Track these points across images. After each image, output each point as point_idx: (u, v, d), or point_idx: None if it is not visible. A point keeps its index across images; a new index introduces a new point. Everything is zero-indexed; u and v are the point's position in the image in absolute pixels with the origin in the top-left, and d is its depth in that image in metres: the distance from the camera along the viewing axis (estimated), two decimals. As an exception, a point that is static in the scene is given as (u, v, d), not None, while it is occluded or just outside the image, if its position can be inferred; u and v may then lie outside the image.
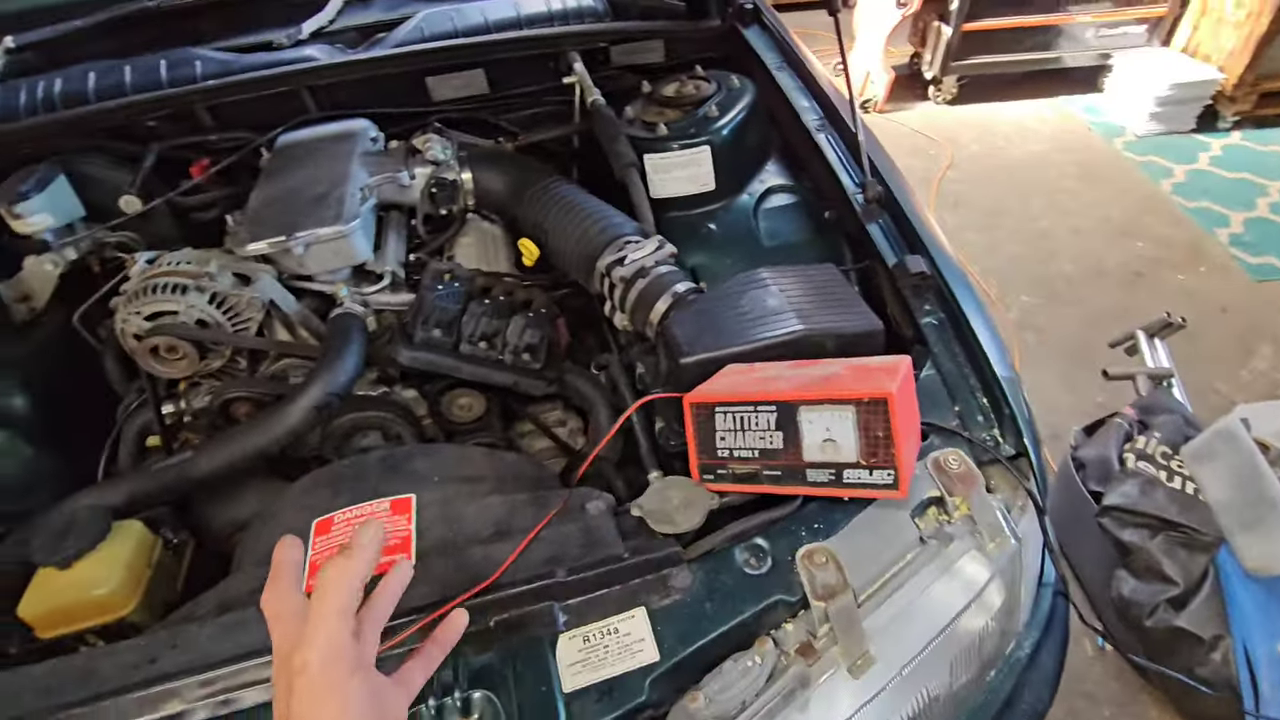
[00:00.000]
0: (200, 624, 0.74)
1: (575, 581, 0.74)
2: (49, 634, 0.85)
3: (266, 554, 0.87)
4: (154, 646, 0.73)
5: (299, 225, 1.10)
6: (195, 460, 0.98)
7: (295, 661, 0.53)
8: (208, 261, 1.10)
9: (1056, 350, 2.72)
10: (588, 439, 1.27)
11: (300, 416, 0.97)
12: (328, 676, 0.52)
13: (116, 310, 1.06)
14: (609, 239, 1.14)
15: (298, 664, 0.53)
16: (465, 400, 1.20)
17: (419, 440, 1.19)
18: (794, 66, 1.43)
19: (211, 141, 1.45)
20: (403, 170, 1.27)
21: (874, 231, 1.11)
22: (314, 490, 0.92)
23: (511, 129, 1.61)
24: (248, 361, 1.15)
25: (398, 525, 0.85)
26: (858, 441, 0.73)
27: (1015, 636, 0.86)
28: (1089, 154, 3.78)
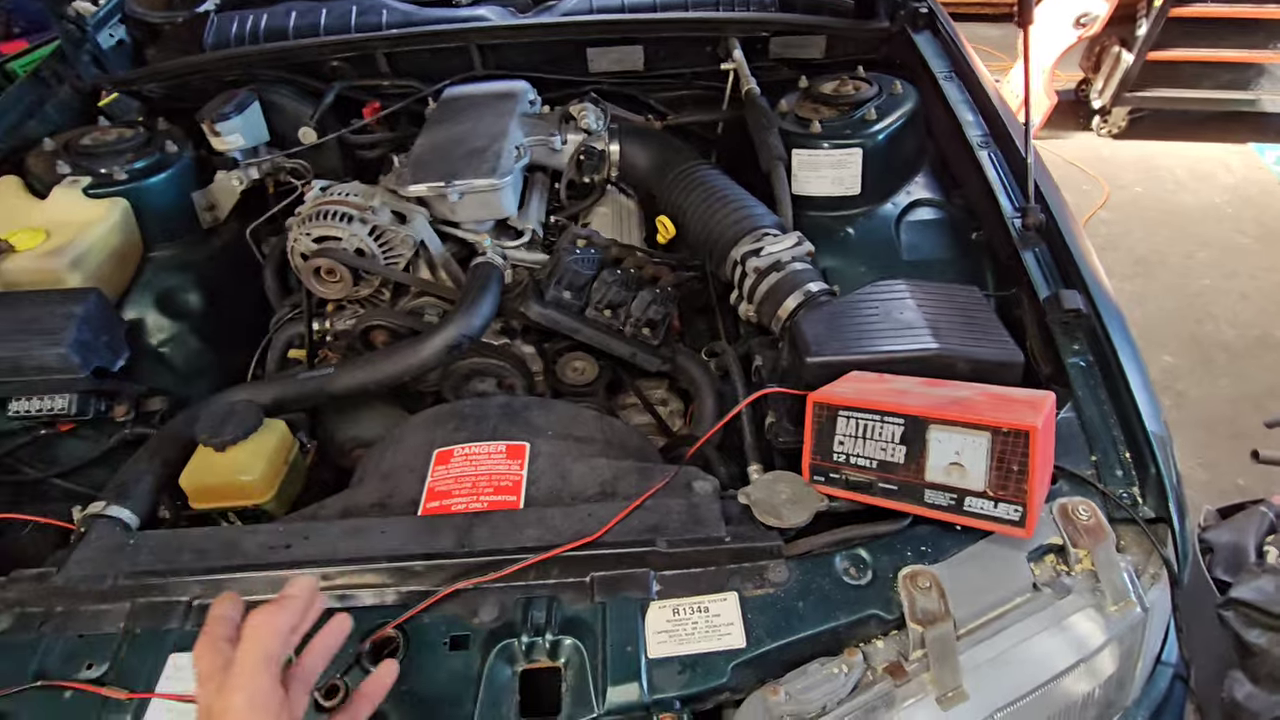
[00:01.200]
0: (331, 523, 0.81)
1: (674, 554, 0.76)
2: (198, 505, 0.95)
3: (390, 471, 0.95)
4: (289, 534, 0.80)
5: (457, 174, 1.16)
6: (335, 376, 1.07)
7: (216, 708, 0.52)
8: (372, 196, 1.18)
9: (1196, 420, 2.48)
10: (689, 422, 1.29)
11: (433, 352, 1.04)
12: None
13: (290, 229, 1.16)
14: (748, 229, 1.13)
15: (218, 710, 0.52)
16: (580, 364, 1.24)
17: (529, 393, 1.24)
18: (963, 77, 1.37)
19: (385, 87, 1.56)
20: (556, 134, 1.31)
21: (1028, 260, 1.05)
22: (438, 422, 0.98)
23: (660, 108, 1.63)
24: (391, 294, 1.23)
25: (511, 469, 0.89)
26: (988, 470, 0.70)
27: (1122, 711, 0.80)
28: (1274, 211, 3.39)
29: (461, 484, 0.87)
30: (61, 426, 1.14)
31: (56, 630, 0.76)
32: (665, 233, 1.25)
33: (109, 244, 1.21)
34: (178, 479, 0.96)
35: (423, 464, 0.91)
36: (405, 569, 0.77)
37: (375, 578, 0.76)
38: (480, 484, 0.87)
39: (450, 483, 0.87)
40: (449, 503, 0.85)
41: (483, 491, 0.86)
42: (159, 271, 1.30)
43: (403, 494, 0.88)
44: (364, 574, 0.76)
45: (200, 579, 0.76)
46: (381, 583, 0.76)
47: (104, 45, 1.61)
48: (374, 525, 0.81)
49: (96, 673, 0.73)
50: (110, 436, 1.16)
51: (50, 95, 1.48)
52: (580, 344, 1.20)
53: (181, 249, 1.35)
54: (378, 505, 0.88)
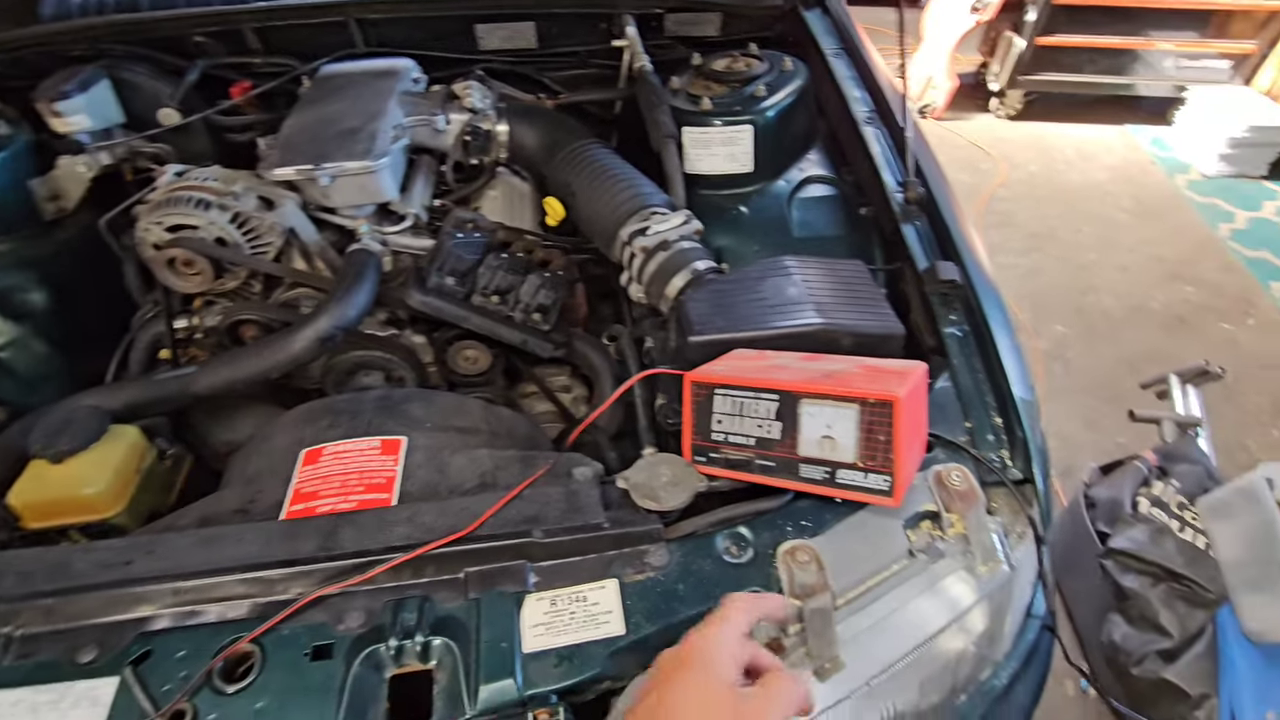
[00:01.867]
0: (180, 535, 0.75)
1: (551, 544, 0.73)
2: (35, 524, 0.86)
3: (255, 475, 0.89)
4: (131, 549, 0.73)
5: (328, 156, 1.09)
6: (196, 376, 0.99)
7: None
8: (234, 181, 1.10)
9: (1083, 385, 2.65)
10: (590, 408, 1.26)
11: (304, 346, 0.97)
12: None
13: (139, 218, 1.06)
14: (635, 208, 1.11)
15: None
16: (472, 353, 1.20)
17: (421, 385, 1.19)
18: (851, 55, 1.38)
19: (255, 65, 1.45)
20: (439, 114, 1.25)
21: (908, 233, 1.07)
22: (308, 420, 0.92)
23: (555, 87, 1.58)
24: (262, 286, 1.15)
25: (385, 465, 0.84)
26: (858, 442, 0.70)
27: (993, 664, 0.83)
28: (1149, 188, 3.64)
29: (329, 484, 0.82)
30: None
31: None
32: (554, 215, 1.21)
33: (-75, 238, 1.08)
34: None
35: (289, 465, 0.85)
36: (263, 579, 0.71)
37: (229, 590, 0.71)
38: (350, 482, 0.82)
39: (318, 483, 0.82)
40: (315, 504, 0.80)
41: (352, 490, 0.81)
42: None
43: (266, 498, 0.82)
44: (216, 587, 0.71)
45: (22, 605, 0.69)
46: (234, 595, 0.71)
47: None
48: (229, 533, 0.75)
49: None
50: None
51: None
52: (471, 332, 1.16)
53: (19, 244, 1.22)
54: (240, 512, 0.82)
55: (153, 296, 1.24)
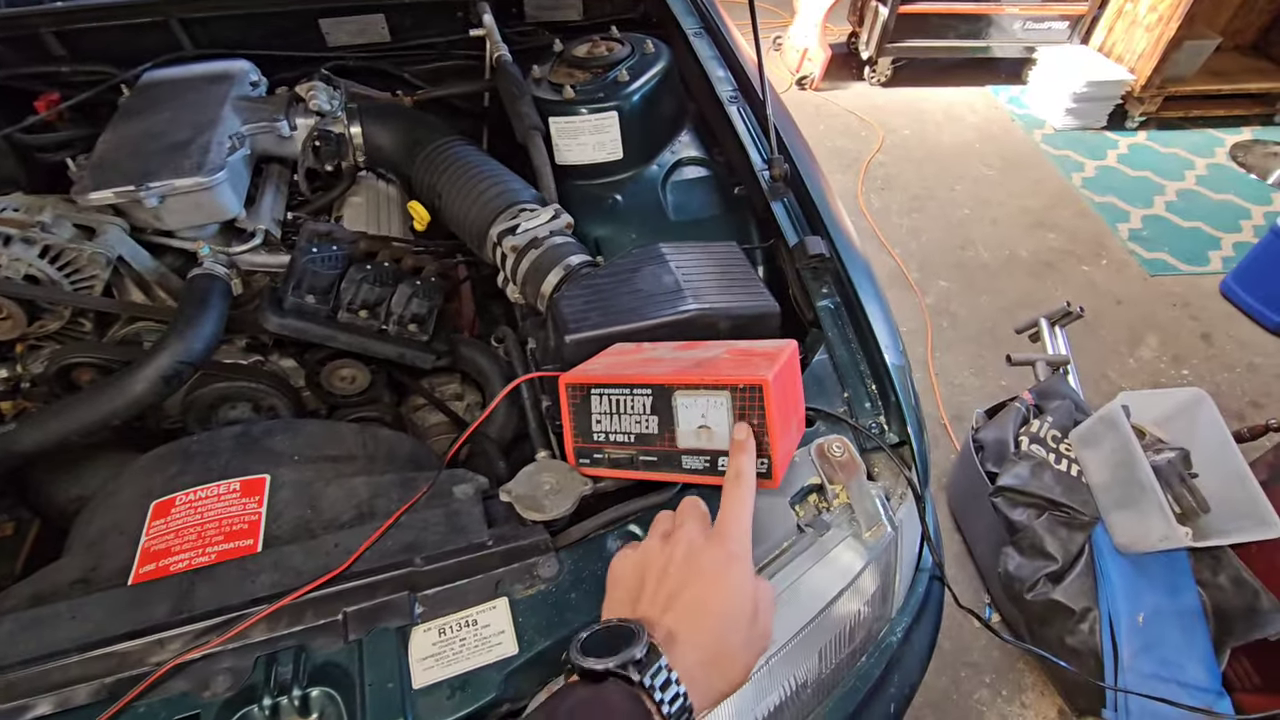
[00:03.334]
0: (4, 619, 0.66)
1: (433, 570, 0.70)
2: None
3: (98, 536, 0.80)
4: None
5: (153, 174, 0.99)
6: (18, 432, 0.88)
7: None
8: (40, 210, 0.97)
9: (968, 335, 2.82)
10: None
11: (145, 387, 0.88)
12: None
13: (-73, 260, 0.93)
14: (503, 205, 1.07)
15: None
16: (348, 371, 1.13)
17: (296, 413, 1.11)
18: (711, 33, 1.38)
19: (64, 74, 1.30)
20: (282, 120, 1.16)
21: (778, 210, 1.09)
22: (157, 467, 0.83)
23: (416, 82, 1.50)
24: (94, 324, 1.04)
25: (247, 509, 0.78)
26: (732, 429, 0.70)
27: (888, 621, 0.86)
28: (1011, 145, 3.90)
29: (183, 537, 0.74)
30: None
31: None
32: (420, 219, 1.15)
33: None
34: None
35: (138, 522, 0.77)
36: (110, 654, 0.64)
37: (66, 674, 0.63)
38: (208, 532, 0.75)
39: (170, 538, 0.75)
40: (167, 562, 0.72)
41: (210, 542, 0.74)
42: None
43: (111, 563, 0.74)
44: (50, 674, 0.63)
45: None
46: (76, 678, 0.63)
47: None
48: (65, 610, 0.67)
49: None
50: None
51: None
52: (343, 351, 1.09)
53: None
54: (80, 582, 0.74)
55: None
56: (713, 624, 0.54)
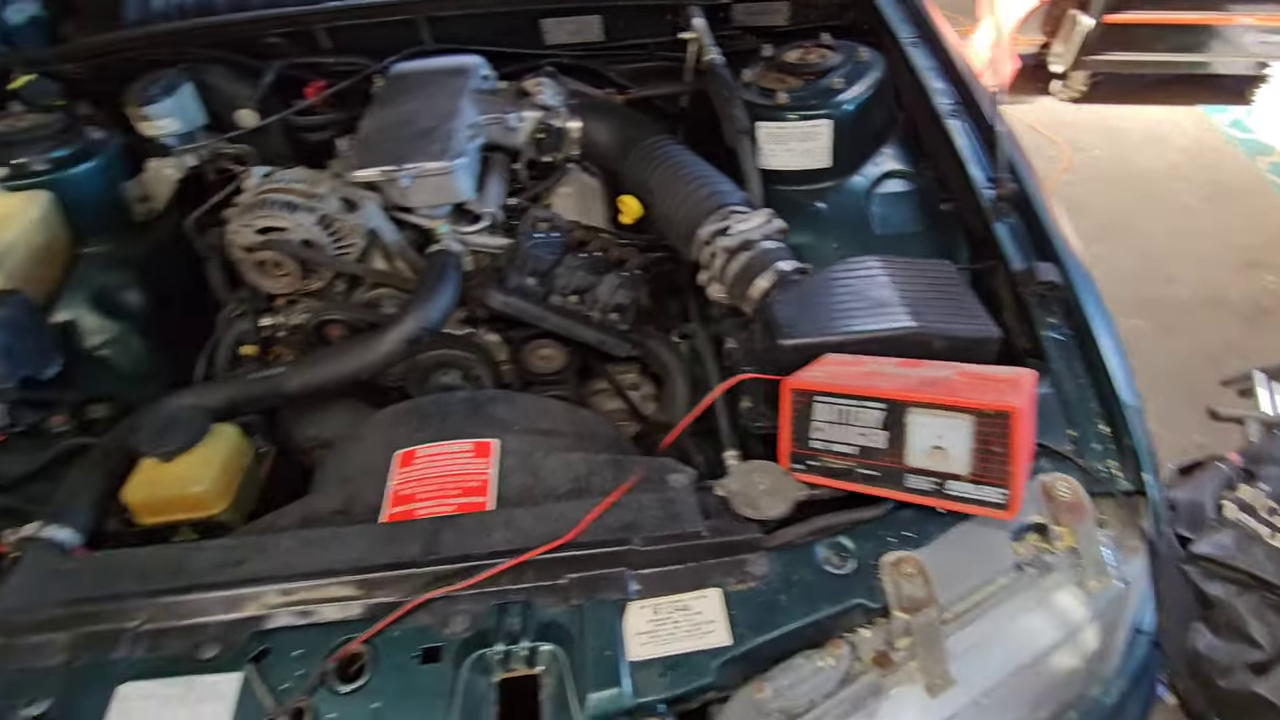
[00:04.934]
0: (286, 535, 0.77)
1: (651, 552, 0.73)
2: (148, 520, 0.89)
3: (350, 476, 0.90)
4: (242, 549, 0.76)
5: (407, 156, 1.10)
6: (288, 376, 1.01)
7: None
8: (319, 182, 1.11)
9: (1157, 381, 2.53)
10: (661, 406, 1.26)
11: (392, 347, 0.98)
12: None
13: (229, 220, 1.09)
14: (714, 206, 1.09)
15: None
16: (547, 351, 1.20)
17: (496, 384, 1.20)
18: (930, 43, 1.33)
19: (328, 64, 1.47)
20: (512, 112, 1.25)
21: (1001, 231, 1.03)
22: (399, 422, 0.93)
23: (620, 81, 1.56)
24: (345, 286, 1.17)
25: (478, 469, 0.85)
26: (971, 454, 0.68)
27: (1103, 681, 0.80)
28: (1227, 172, 3.46)
29: (426, 486, 0.83)
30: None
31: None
32: (629, 213, 1.20)
33: (32, 240, 1.12)
34: (118, 492, 0.90)
35: (384, 467, 0.87)
36: (369, 580, 0.73)
37: (337, 591, 0.72)
38: (447, 486, 0.83)
39: (414, 485, 0.83)
40: (413, 507, 0.81)
41: (449, 494, 0.82)
42: (93, 269, 1.21)
43: (364, 500, 0.84)
44: (325, 588, 0.72)
45: (145, 603, 0.71)
46: (345, 596, 0.72)
47: (14, 21, 1.49)
48: (334, 535, 0.76)
49: (37, 709, 0.68)
50: (49, 448, 1.09)
51: (-43, 80, 1.36)
52: (547, 332, 1.16)
53: (116, 244, 1.26)
54: (339, 513, 0.84)
55: (238, 295, 1.27)
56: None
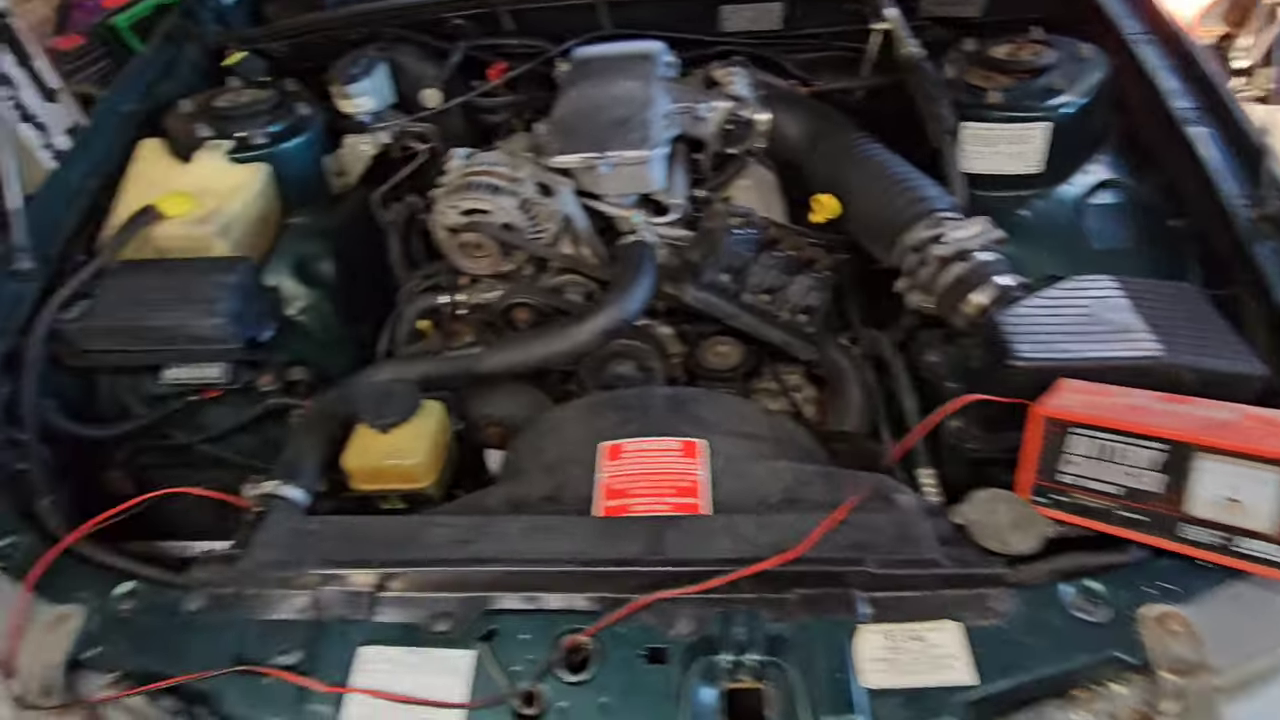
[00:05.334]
0: (512, 520, 0.78)
1: (884, 575, 0.70)
2: (360, 487, 0.94)
3: (554, 463, 0.92)
4: (470, 529, 0.78)
5: (607, 144, 1.10)
6: (484, 356, 1.03)
7: None
8: (519, 167, 1.13)
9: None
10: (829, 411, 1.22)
11: (589, 336, 0.99)
12: None
13: (435, 201, 1.12)
14: (923, 211, 1.04)
15: None
16: (724, 349, 1.18)
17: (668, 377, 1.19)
18: (1166, 40, 1.22)
19: (509, 46, 1.49)
20: (703, 102, 1.22)
21: (1261, 256, 0.93)
22: (600, 411, 0.93)
23: (796, 72, 1.51)
24: (533, 270, 1.19)
25: (688, 469, 0.84)
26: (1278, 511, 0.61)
27: None
28: None
29: (638, 483, 0.83)
30: (207, 394, 1.15)
31: (247, 614, 0.76)
32: (823, 211, 1.16)
33: (253, 211, 1.19)
34: (335, 457, 0.95)
35: (590, 457, 0.87)
36: (595, 574, 0.73)
37: (564, 581, 0.73)
38: (659, 484, 0.82)
39: (626, 480, 0.83)
40: (627, 503, 0.81)
41: (663, 493, 0.81)
42: (295, 239, 1.28)
43: (574, 489, 0.85)
44: (553, 577, 0.73)
45: (383, 571, 0.75)
46: (572, 586, 0.73)
47: (226, 1, 1.59)
48: (557, 524, 0.77)
49: (291, 659, 0.73)
50: (254, 405, 1.17)
51: (180, 55, 1.46)
52: (726, 328, 1.14)
53: (314, 216, 1.33)
54: (548, 499, 0.85)
55: (423, 271, 1.31)
56: None
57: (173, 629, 0.76)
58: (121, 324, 1.04)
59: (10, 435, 0.98)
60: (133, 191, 1.18)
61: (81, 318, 1.05)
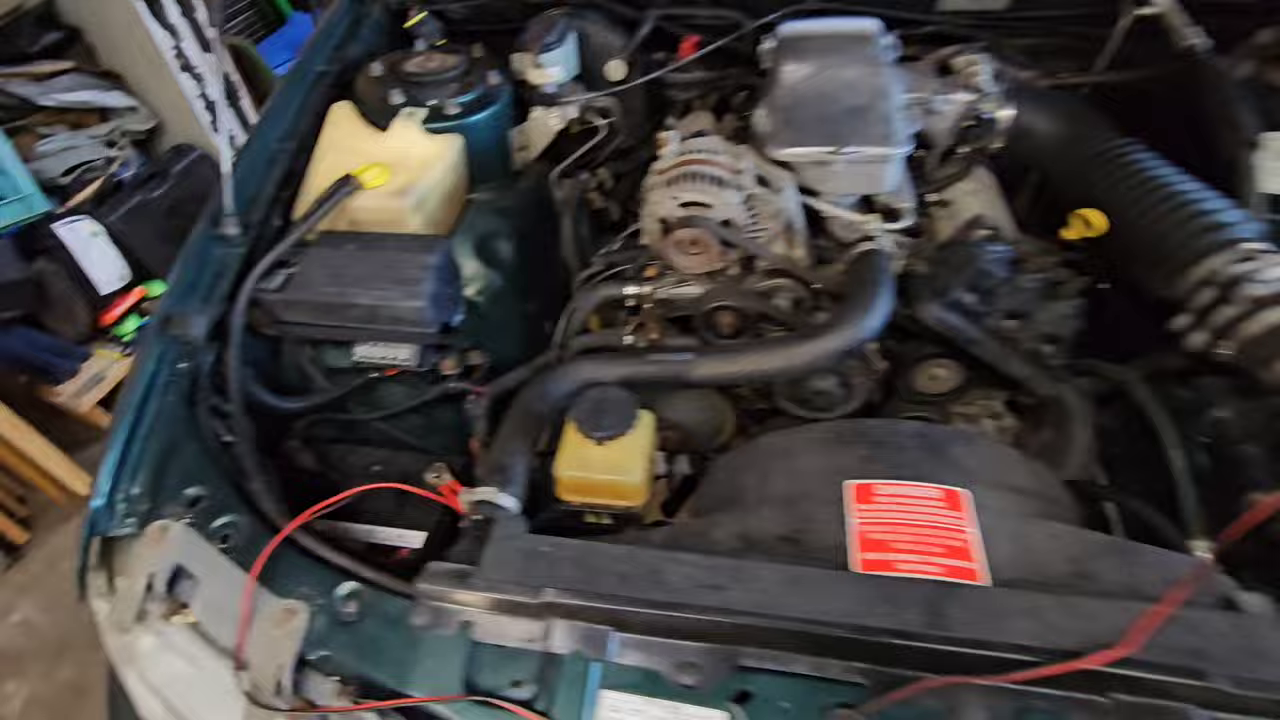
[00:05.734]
0: (766, 566, 0.70)
1: (1241, 697, 0.58)
2: (568, 498, 0.88)
3: (791, 497, 0.83)
4: (719, 572, 0.70)
5: (844, 138, 0.98)
6: (697, 364, 0.95)
7: None
8: (740, 157, 1.03)
9: None
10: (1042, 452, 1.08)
11: (824, 354, 0.89)
12: None
13: (650, 190, 1.02)
14: (1224, 240, 0.88)
15: None
16: (942, 372, 1.06)
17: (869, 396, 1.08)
18: None
19: (701, 18, 1.38)
20: (940, 93, 1.08)
21: None
22: (840, 444, 0.84)
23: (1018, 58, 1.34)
24: (739, 270, 1.09)
25: (955, 525, 0.74)
26: None
27: None
28: None
29: (899, 535, 0.73)
30: (388, 371, 1.12)
31: (475, 636, 0.71)
32: (1084, 229, 1.01)
33: (445, 185, 1.14)
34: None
35: (833, 496, 0.78)
36: (865, 642, 0.64)
37: (830, 646, 0.65)
38: (925, 540, 0.73)
39: (883, 531, 0.74)
40: (890, 558, 0.72)
41: (931, 551, 0.72)
42: (479, 216, 1.23)
43: (819, 533, 0.76)
44: (817, 640, 0.65)
45: (624, 610, 0.68)
46: (835, 652, 0.65)
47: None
48: (817, 578, 0.69)
49: (525, 693, 0.68)
50: (431, 387, 1.13)
51: (364, 14, 1.42)
52: (949, 350, 1.02)
53: (496, 192, 1.27)
54: (787, 540, 0.77)
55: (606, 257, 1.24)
56: None
57: (399, 642, 0.72)
58: (323, 298, 1.00)
59: (217, 405, 0.97)
60: (328, 158, 1.15)
61: (283, 289, 1.02)
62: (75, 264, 2.25)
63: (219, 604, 0.77)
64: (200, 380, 0.97)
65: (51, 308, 2.28)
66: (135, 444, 0.89)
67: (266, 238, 1.08)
